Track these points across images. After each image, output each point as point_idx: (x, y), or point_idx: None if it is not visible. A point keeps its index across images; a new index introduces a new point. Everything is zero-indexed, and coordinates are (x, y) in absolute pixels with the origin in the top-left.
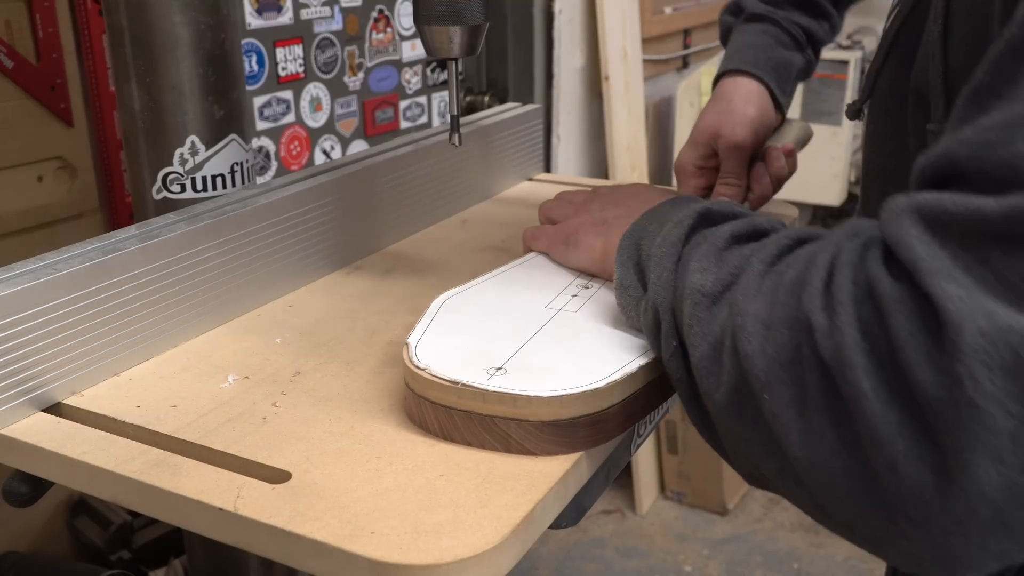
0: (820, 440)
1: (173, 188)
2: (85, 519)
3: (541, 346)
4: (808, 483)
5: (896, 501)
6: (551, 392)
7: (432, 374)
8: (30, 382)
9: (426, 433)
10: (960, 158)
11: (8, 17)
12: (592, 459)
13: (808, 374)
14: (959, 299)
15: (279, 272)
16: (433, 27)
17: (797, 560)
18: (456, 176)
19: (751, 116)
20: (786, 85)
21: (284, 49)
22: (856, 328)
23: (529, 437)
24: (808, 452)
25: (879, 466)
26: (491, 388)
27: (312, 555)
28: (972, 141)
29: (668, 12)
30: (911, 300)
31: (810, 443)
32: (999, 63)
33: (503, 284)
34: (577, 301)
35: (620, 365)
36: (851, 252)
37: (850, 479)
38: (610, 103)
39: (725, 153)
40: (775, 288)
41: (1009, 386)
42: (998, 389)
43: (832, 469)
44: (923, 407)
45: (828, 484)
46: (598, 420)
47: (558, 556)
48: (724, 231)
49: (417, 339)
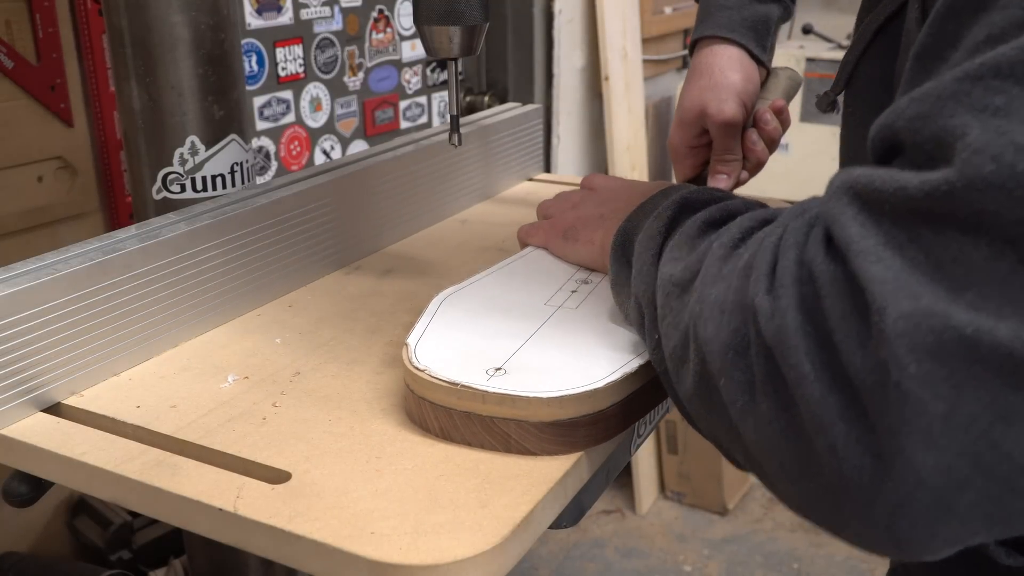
0: (768, 425)
1: (173, 188)
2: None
3: (540, 345)
4: (766, 468)
5: (839, 483)
6: (550, 393)
7: (432, 375)
8: (30, 382)
9: (426, 433)
10: (898, 129)
11: (8, 17)
12: (592, 459)
13: (755, 359)
14: (884, 282)
15: (279, 272)
16: (433, 27)
17: (797, 560)
18: (456, 176)
19: (736, 87)
20: (765, 41)
21: (284, 49)
22: (797, 310)
23: (529, 437)
24: (760, 437)
25: (822, 450)
26: (490, 389)
27: (312, 555)
28: (907, 112)
29: (668, 12)
30: (843, 282)
31: (761, 429)
32: (940, 23)
33: (502, 280)
34: (576, 297)
35: (619, 364)
36: (796, 232)
37: (799, 464)
38: (610, 103)
39: (716, 132)
40: (731, 272)
41: (937, 369)
42: (925, 373)
43: (782, 455)
44: (856, 391)
45: (780, 470)
46: (598, 420)
47: (558, 556)
48: (698, 219)
49: (417, 339)
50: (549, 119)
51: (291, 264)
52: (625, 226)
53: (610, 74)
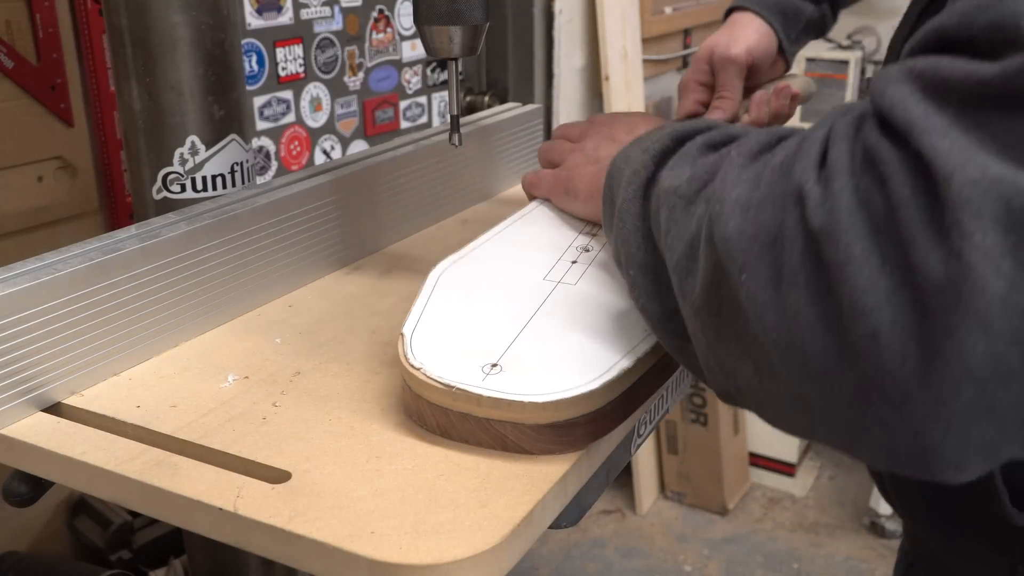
0: (795, 318)
1: (173, 188)
2: (85, 519)
3: (537, 336)
4: (782, 371)
5: (874, 377)
6: (546, 397)
7: (427, 375)
8: (30, 382)
9: (425, 431)
10: (949, 28)
11: (8, 17)
12: (592, 459)
13: (789, 250)
14: (950, 153)
15: (279, 272)
16: (433, 27)
17: (797, 560)
18: (456, 176)
19: (749, 38)
20: (791, 31)
21: (284, 49)
22: (852, 195)
23: (525, 438)
24: (783, 333)
25: (859, 339)
26: (486, 393)
27: (312, 555)
28: (959, 9)
29: (668, 12)
30: (909, 162)
31: (785, 323)
32: None
33: (502, 247)
34: (576, 269)
35: (618, 357)
36: (846, 126)
37: (827, 358)
38: (610, 103)
39: (719, 65)
40: (759, 174)
41: (1001, 240)
42: (989, 243)
43: (807, 350)
44: (914, 270)
45: (802, 368)
46: (596, 418)
47: (558, 556)
48: (697, 141)
49: (412, 328)
50: (549, 119)
51: (291, 264)
52: (612, 168)
53: (610, 74)
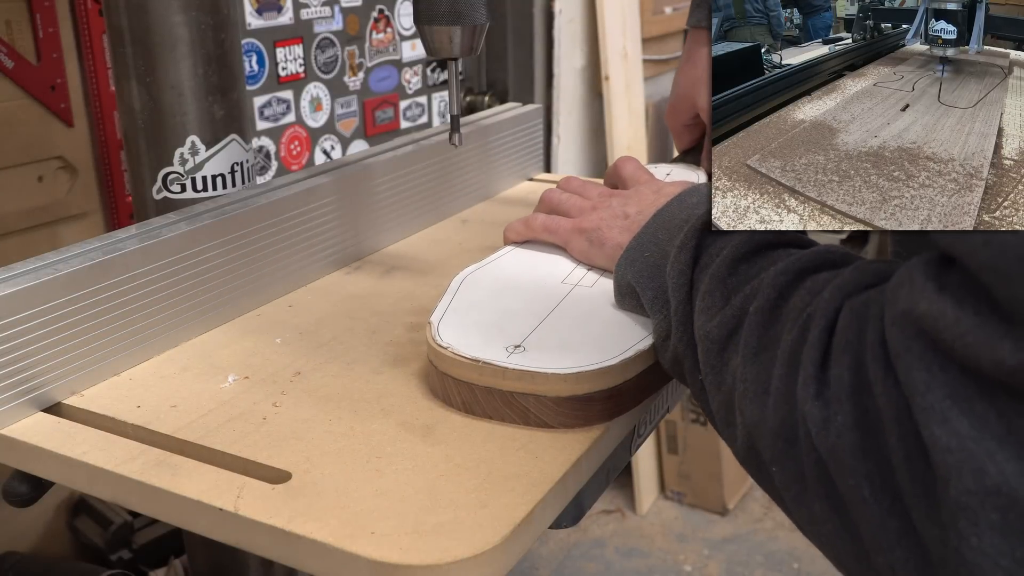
0: (823, 524)
1: (173, 188)
2: (85, 519)
3: (558, 323)
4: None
5: None
6: (568, 369)
7: (454, 352)
8: (30, 382)
9: (425, 432)
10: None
11: (8, 17)
12: (592, 459)
13: (806, 458)
14: (948, 451)
15: (279, 272)
16: (434, 27)
17: (797, 560)
18: (456, 176)
19: None
20: None
21: (284, 49)
22: (854, 428)
23: (547, 411)
24: (815, 529)
25: (880, 565)
26: (511, 366)
27: (312, 555)
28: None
29: (668, 12)
30: (907, 423)
31: (815, 524)
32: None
33: (520, 259)
34: (592, 275)
35: (633, 342)
36: (849, 329)
37: (855, 564)
38: (610, 103)
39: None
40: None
41: (999, 543)
42: (987, 546)
43: (837, 551)
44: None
45: (837, 559)
46: (613, 395)
47: (558, 556)
48: (726, 257)
49: (439, 317)
50: (549, 119)
51: (291, 264)
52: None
53: (610, 74)
